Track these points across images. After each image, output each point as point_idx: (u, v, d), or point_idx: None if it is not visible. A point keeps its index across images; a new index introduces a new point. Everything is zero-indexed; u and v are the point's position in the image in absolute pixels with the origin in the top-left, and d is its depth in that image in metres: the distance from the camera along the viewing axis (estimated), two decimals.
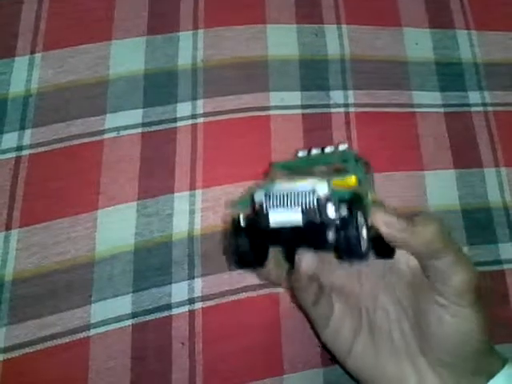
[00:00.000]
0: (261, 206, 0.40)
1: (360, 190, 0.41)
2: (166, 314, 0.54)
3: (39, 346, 0.51)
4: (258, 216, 0.40)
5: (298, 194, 0.39)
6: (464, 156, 0.64)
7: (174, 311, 0.54)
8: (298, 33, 0.67)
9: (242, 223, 0.42)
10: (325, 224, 0.38)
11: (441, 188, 0.62)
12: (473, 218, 0.61)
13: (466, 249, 0.59)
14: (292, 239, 0.40)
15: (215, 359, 0.53)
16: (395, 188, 0.61)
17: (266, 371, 0.53)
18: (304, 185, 0.39)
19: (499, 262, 0.60)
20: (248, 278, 0.55)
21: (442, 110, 0.66)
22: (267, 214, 0.40)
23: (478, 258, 0.59)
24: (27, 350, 0.51)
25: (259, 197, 0.40)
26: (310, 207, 0.38)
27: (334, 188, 0.39)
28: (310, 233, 0.39)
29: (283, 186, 0.40)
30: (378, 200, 0.45)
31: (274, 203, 0.40)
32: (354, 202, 0.39)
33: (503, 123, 0.66)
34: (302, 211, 0.39)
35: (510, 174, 0.63)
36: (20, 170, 0.57)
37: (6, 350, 0.51)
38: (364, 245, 0.38)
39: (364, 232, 0.39)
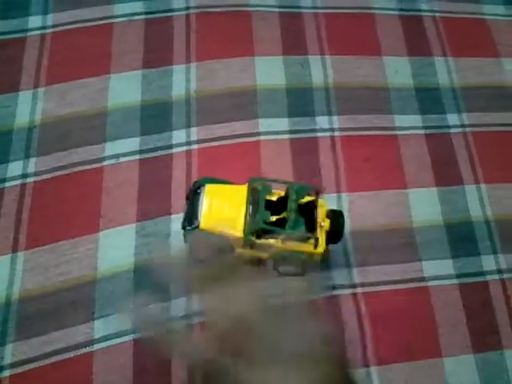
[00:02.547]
0: None
1: None
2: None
3: (44, 362, 0.54)
4: None
5: None
6: (445, 174, 0.67)
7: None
8: (284, 63, 0.72)
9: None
10: None
11: (424, 205, 0.65)
12: (455, 232, 0.64)
13: (449, 262, 0.62)
14: None
15: None
16: (381, 206, 0.64)
17: None
18: None
19: (482, 273, 0.62)
20: None
21: (422, 131, 0.69)
22: None
23: (462, 270, 0.62)
24: (33, 365, 0.54)
25: None
26: None
27: None
28: None
29: None
30: None
31: None
32: None
33: (481, 143, 0.69)
34: None
35: (490, 189, 0.67)
36: (25, 195, 0.61)
37: (12, 365, 0.54)
38: None
39: None
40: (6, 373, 0.53)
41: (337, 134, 0.68)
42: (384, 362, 0.56)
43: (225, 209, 0.55)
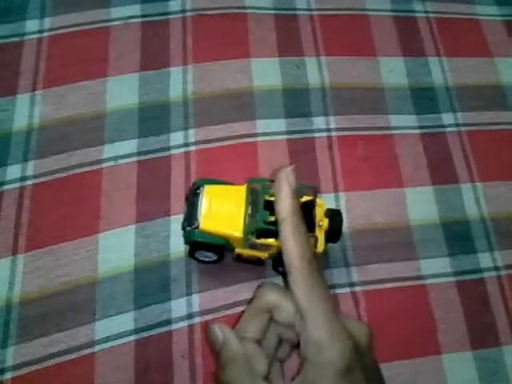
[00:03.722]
0: None
1: None
2: (166, 329, 0.57)
3: (47, 363, 0.54)
4: None
5: None
6: (441, 173, 0.68)
7: (174, 326, 0.57)
8: (280, 65, 0.72)
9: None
10: None
11: (420, 203, 0.66)
12: (452, 230, 0.65)
13: (447, 260, 0.63)
14: None
15: (214, 371, 0.55)
16: (378, 205, 0.65)
17: None
18: None
19: (479, 270, 0.63)
20: (242, 292, 0.59)
21: (418, 131, 0.70)
22: None
23: (459, 268, 0.63)
24: (35, 367, 0.54)
25: None
26: None
27: None
28: None
29: None
30: None
31: None
32: None
33: (476, 141, 0.70)
34: None
35: (486, 188, 0.68)
36: (24, 198, 0.61)
37: (14, 367, 0.54)
38: None
39: None
40: (9, 375, 0.53)
41: (333, 134, 0.68)
42: (383, 359, 0.56)
43: (224, 209, 0.55)
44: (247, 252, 0.56)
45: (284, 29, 0.75)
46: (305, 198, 0.56)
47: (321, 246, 0.55)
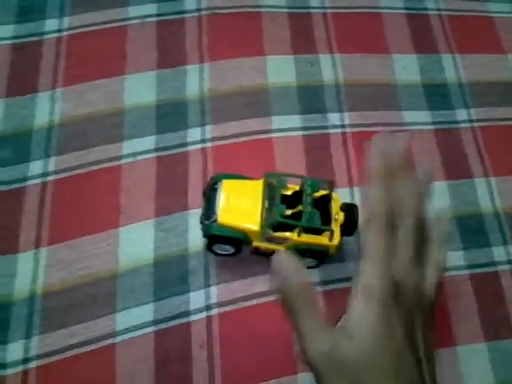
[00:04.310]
0: None
1: None
2: (185, 320, 0.58)
3: (69, 353, 0.55)
4: None
5: None
6: (454, 168, 0.69)
7: (193, 317, 0.58)
8: (294, 62, 0.73)
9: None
10: None
11: (434, 198, 0.66)
12: (466, 225, 0.65)
13: (460, 253, 0.64)
14: None
15: (232, 361, 0.57)
16: None
17: (280, 371, 0.57)
18: None
19: (493, 263, 0.64)
20: (259, 285, 0.60)
21: (432, 127, 0.71)
22: None
23: (473, 261, 0.63)
24: (58, 356, 0.55)
25: None
26: None
27: None
28: None
29: None
30: None
31: None
32: None
33: (489, 137, 0.71)
34: None
35: (499, 182, 0.68)
36: (46, 193, 0.62)
37: (38, 357, 0.55)
38: None
39: None
40: (33, 364, 0.55)
41: (348, 130, 0.69)
42: None
43: (242, 203, 0.56)
44: (264, 245, 0.57)
45: (298, 27, 0.76)
46: (321, 193, 0.57)
47: (336, 239, 0.56)
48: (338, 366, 0.38)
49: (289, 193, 0.57)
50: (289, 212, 0.55)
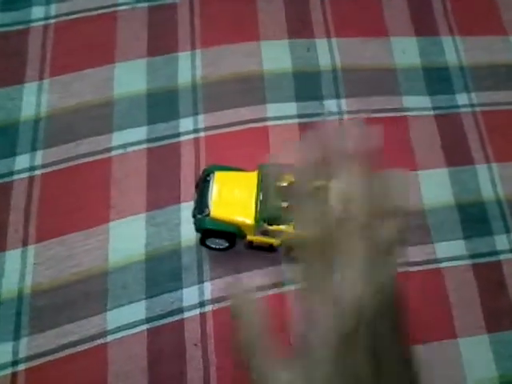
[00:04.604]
0: None
1: None
2: (178, 317, 0.56)
3: (60, 354, 0.54)
4: None
5: None
6: (455, 155, 0.67)
7: (186, 315, 0.56)
8: (290, 48, 0.71)
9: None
10: None
11: (435, 186, 0.65)
12: (467, 213, 0.64)
13: (462, 242, 0.62)
14: None
15: (227, 358, 0.55)
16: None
17: None
18: None
19: (495, 252, 0.62)
20: (254, 280, 0.58)
21: (432, 112, 0.69)
22: None
23: (475, 251, 0.62)
24: (48, 358, 0.54)
25: None
26: None
27: None
28: None
29: None
30: None
31: None
32: None
33: (491, 122, 0.69)
34: None
35: (502, 169, 0.66)
36: (33, 188, 0.61)
37: (27, 359, 0.54)
38: None
39: None
40: (22, 366, 0.53)
41: (345, 116, 0.67)
42: None
43: (235, 196, 0.55)
44: (259, 239, 0.56)
45: (294, 10, 0.73)
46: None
47: None
48: None
49: (284, 184, 0.55)
50: (284, 204, 0.53)
